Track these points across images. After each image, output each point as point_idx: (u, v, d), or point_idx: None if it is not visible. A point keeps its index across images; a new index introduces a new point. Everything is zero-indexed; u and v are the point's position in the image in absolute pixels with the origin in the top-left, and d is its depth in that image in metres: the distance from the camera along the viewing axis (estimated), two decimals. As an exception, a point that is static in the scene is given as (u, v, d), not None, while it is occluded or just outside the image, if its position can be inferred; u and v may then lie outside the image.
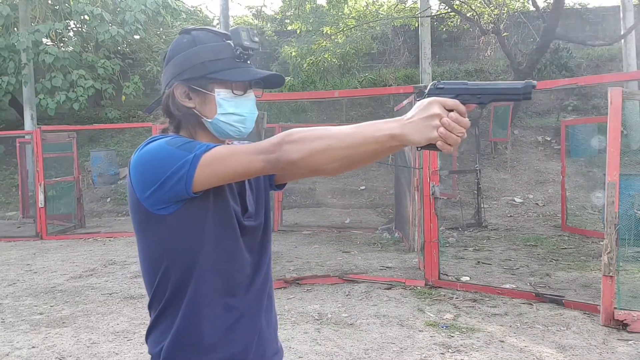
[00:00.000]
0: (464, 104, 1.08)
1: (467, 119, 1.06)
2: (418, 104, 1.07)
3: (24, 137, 10.42)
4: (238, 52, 1.23)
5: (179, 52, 1.25)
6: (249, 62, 1.27)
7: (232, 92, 1.25)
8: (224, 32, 1.27)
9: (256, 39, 1.26)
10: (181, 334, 1.22)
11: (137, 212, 1.21)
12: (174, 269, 1.21)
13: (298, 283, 5.21)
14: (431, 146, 1.07)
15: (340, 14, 13.69)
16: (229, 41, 1.25)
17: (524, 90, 1.08)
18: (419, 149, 1.10)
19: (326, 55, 12.99)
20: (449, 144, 1.05)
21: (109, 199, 11.18)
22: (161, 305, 1.24)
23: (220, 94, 1.24)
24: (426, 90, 1.13)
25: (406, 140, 1.05)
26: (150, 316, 1.28)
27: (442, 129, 1.04)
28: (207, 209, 1.20)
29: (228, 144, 1.34)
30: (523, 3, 14.27)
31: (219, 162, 1.13)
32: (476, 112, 11.29)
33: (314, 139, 1.08)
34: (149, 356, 1.29)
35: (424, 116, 1.04)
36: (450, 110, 1.05)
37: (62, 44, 13.26)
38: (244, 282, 1.28)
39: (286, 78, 13.62)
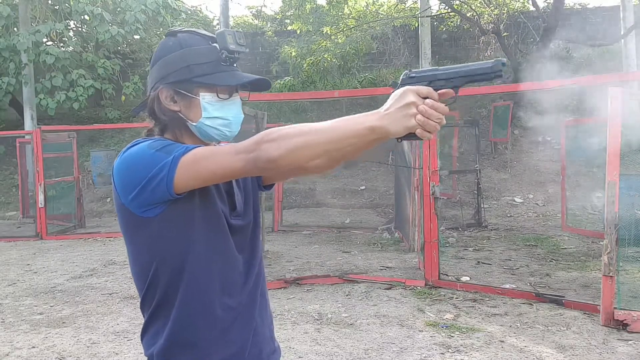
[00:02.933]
0: (438, 90, 1.08)
1: (443, 105, 1.06)
2: (393, 95, 1.07)
3: (24, 137, 10.42)
4: (224, 56, 1.22)
5: (165, 55, 1.25)
6: (235, 65, 1.26)
7: (217, 96, 1.24)
8: (210, 35, 1.27)
9: (242, 42, 1.25)
10: (176, 335, 1.22)
11: (123, 215, 1.22)
12: (163, 270, 1.21)
13: (298, 283, 5.21)
14: (411, 135, 1.07)
15: (340, 14, 13.67)
16: (214, 44, 1.24)
17: (494, 68, 1.08)
18: (399, 139, 1.09)
19: (326, 55, 12.99)
20: (428, 131, 1.05)
21: (109, 199, 11.17)
22: (153, 307, 1.24)
23: (206, 98, 1.24)
24: (399, 81, 1.13)
25: (386, 132, 1.04)
26: (143, 317, 1.29)
27: (419, 117, 1.04)
28: (194, 209, 1.20)
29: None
30: (523, 3, 14.27)
31: (198, 163, 1.13)
32: (476, 113, 11.29)
33: (292, 135, 1.07)
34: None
35: (400, 106, 1.04)
36: (426, 98, 1.05)
37: (62, 44, 13.26)
38: (239, 281, 1.28)
39: (286, 78, 13.68)
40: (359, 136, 1.05)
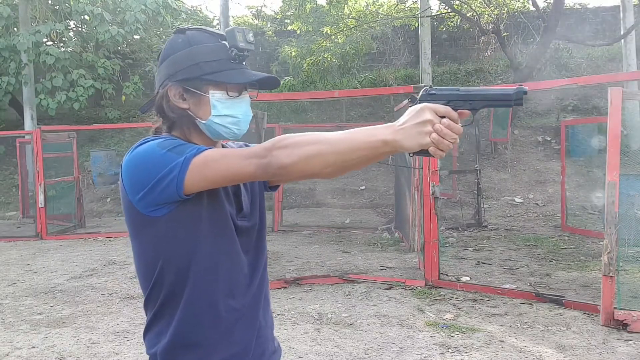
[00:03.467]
0: (455, 109, 1.08)
1: (459, 125, 1.07)
2: (410, 110, 1.08)
3: (24, 137, 10.43)
4: (233, 54, 1.22)
5: (174, 53, 1.24)
6: (244, 63, 1.26)
7: (227, 94, 1.24)
8: (219, 32, 1.26)
9: (251, 40, 1.25)
10: (180, 334, 1.22)
11: (130, 214, 1.21)
12: (169, 270, 1.21)
13: (298, 283, 5.21)
14: (423, 152, 1.08)
15: (340, 14, 13.68)
16: (224, 42, 1.24)
17: (515, 96, 1.09)
18: (411, 154, 1.11)
19: (326, 55, 12.99)
20: (441, 150, 1.06)
21: (109, 199, 11.18)
22: (157, 306, 1.24)
23: (215, 96, 1.23)
24: (418, 97, 1.13)
25: (399, 146, 1.05)
26: (147, 316, 1.29)
27: (434, 135, 1.05)
28: (201, 210, 1.20)
29: (224, 145, 1.34)
30: (523, 3, 14.27)
31: (209, 165, 1.12)
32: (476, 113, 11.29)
33: (305, 144, 1.08)
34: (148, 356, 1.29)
35: (416, 122, 1.05)
36: (442, 117, 1.06)
37: (62, 44, 13.26)
38: (244, 282, 1.28)
39: (286, 78, 13.68)
40: (372, 148, 1.06)
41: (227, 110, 1.24)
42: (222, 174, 1.13)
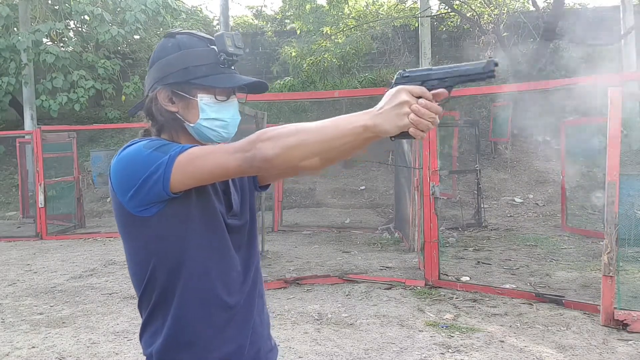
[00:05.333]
0: (431, 89, 1.09)
1: (436, 104, 1.07)
2: (386, 94, 1.08)
3: (24, 137, 10.43)
4: (222, 58, 1.24)
5: (163, 56, 1.26)
6: (232, 67, 1.27)
7: (215, 98, 1.26)
8: (208, 37, 1.28)
9: (240, 45, 1.26)
10: (175, 333, 1.22)
11: (120, 215, 1.23)
12: (161, 269, 1.22)
13: (298, 283, 5.21)
14: (404, 134, 1.08)
15: (340, 14, 13.68)
16: (213, 47, 1.25)
17: (486, 68, 1.09)
18: (393, 138, 1.10)
19: (326, 55, 12.99)
20: (422, 130, 1.06)
21: (108, 199, 11.17)
22: (151, 306, 1.25)
23: (203, 100, 1.25)
24: (393, 81, 1.14)
25: (379, 130, 1.05)
26: (141, 317, 1.29)
27: (412, 116, 1.05)
28: (190, 208, 1.21)
29: None
30: (523, 3, 14.28)
31: (194, 162, 1.13)
32: (476, 113, 11.29)
33: (287, 135, 1.08)
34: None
35: (393, 105, 1.05)
36: (419, 98, 1.06)
37: (62, 44, 13.27)
38: (237, 279, 1.29)
39: (286, 78, 13.68)
40: (353, 135, 1.06)
41: (216, 113, 1.26)
42: (208, 170, 1.14)
